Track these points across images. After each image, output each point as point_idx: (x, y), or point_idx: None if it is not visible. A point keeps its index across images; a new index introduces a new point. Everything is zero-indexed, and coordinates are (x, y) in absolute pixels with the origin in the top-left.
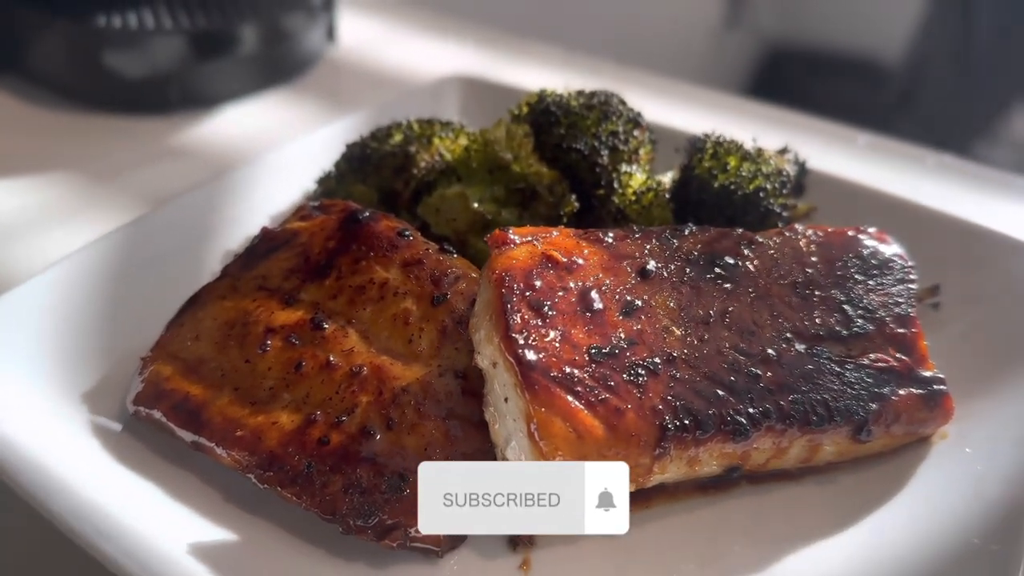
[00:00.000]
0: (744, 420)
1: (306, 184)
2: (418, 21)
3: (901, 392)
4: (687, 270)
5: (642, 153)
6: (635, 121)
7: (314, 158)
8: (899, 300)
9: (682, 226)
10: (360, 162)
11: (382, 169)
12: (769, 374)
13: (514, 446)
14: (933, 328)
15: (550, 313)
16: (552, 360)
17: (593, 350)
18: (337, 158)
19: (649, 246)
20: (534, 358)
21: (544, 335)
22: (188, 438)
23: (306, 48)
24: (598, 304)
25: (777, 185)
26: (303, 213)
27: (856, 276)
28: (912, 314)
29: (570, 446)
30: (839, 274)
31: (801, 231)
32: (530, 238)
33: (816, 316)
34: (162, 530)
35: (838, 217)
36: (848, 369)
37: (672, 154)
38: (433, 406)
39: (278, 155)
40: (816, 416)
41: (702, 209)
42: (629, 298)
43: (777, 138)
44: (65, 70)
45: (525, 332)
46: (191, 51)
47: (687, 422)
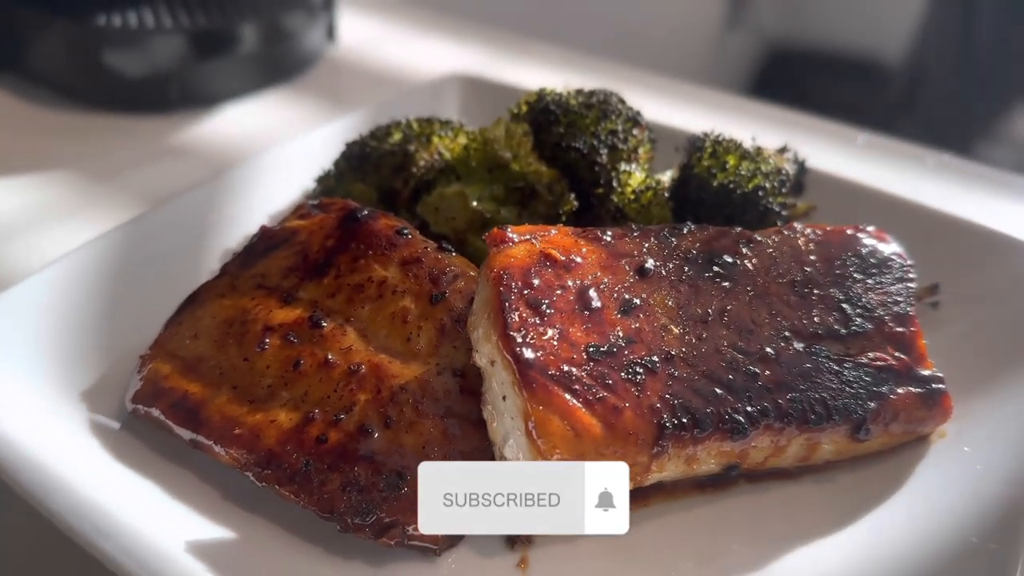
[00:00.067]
0: (742, 418)
1: (305, 183)
2: (418, 20)
3: (900, 391)
4: (686, 269)
5: (641, 152)
6: (634, 120)
7: (313, 157)
8: (898, 299)
9: (681, 225)
10: (359, 161)
11: (381, 168)
12: (767, 373)
13: (512, 444)
14: (932, 327)
15: (548, 311)
16: (550, 358)
17: (591, 348)
18: (336, 157)
19: (648, 245)
20: (532, 356)
21: (542, 333)
22: (186, 436)
23: (306, 47)
24: (596, 302)
25: (776, 184)
26: (302, 212)
27: (855, 275)
28: (911, 313)
29: (568, 444)
30: (838, 273)
31: (800, 230)
32: (528, 236)
33: (815, 315)
34: (161, 528)
35: (837, 216)
36: (847, 368)
37: (671, 153)
38: (431, 404)
39: (277, 154)
40: (814, 415)
41: (701, 208)
42: (627, 296)
43: (777, 137)
44: (65, 69)
45: (523, 330)
46: (191, 50)
47: (685, 420)
